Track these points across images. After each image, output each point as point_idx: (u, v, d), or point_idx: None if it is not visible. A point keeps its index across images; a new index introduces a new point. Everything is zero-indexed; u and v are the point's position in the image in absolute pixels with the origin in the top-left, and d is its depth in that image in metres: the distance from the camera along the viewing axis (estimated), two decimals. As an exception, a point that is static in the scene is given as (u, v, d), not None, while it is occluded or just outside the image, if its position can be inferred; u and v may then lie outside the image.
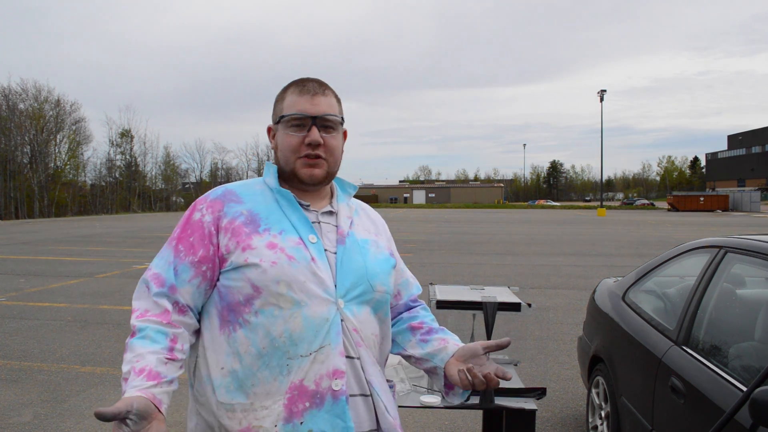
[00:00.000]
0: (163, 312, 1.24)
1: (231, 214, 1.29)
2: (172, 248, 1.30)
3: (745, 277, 2.75)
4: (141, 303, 1.27)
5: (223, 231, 1.27)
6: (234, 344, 1.23)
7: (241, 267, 1.23)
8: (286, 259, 1.23)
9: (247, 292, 1.23)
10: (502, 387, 2.29)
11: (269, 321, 1.21)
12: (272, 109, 1.41)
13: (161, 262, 1.29)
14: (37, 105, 52.37)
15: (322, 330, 1.22)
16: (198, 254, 1.26)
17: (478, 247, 16.51)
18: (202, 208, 1.32)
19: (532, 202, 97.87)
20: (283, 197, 1.33)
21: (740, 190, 64.04)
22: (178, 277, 1.26)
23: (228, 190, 1.36)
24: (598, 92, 51.85)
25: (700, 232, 23.76)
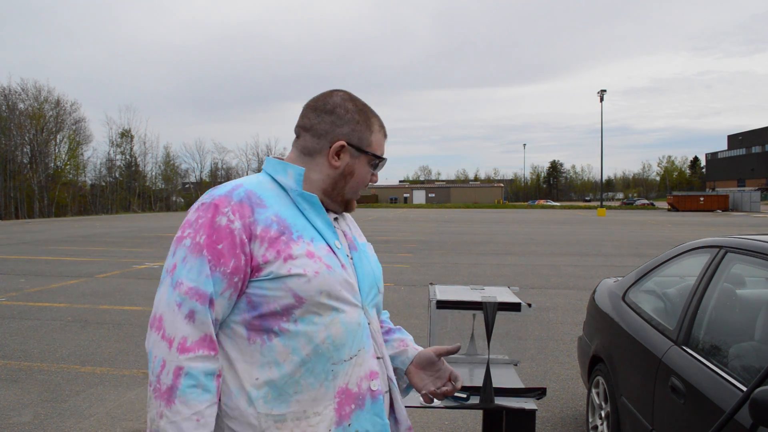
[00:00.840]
0: (206, 339, 1.15)
1: (263, 221, 1.20)
2: (202, 257, 1.16)
3: (745, 277, 2.75)
4: (175, 327, 1.14)
5: (258, 240, 1.19)
6: (269, 353, 1.19)
7: (283, 277, 1.18)
8: (326, 269, 1.22)
9: (287, 302, 1.18)
10: (502, 387, 2.30)
11: (310, 328, 1.20)
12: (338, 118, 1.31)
13: (193, 274, 1.16)
14: (37, 105, 52.39)
15: (358, 334, 1.27)
16: (230, 265, 1.16)
17: (478, 247, 16.51)
18: (227, 212, 1.19)
19: (532, 202, 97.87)
20: (307, 201, 1.29)
21: (740, 190, 64.06)
22: (216, 290, 1.16)
23: (250, 191, 1.25)
24: (598, 92, 51.86)
25: (700, 232, 23.76)
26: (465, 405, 2.24)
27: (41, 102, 52.79)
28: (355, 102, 1.35)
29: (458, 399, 2.25)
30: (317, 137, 1.31)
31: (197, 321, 1.14)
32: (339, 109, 1.32)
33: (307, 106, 1.36)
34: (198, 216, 1.21)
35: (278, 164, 1.32)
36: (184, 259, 1.17)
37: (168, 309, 1.15)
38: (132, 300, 8.13)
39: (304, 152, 1.33)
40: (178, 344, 1.13)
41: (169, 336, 1.13)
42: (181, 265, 1.17)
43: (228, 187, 1.26)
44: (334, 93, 1.35)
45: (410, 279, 10.23)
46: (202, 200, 1.25)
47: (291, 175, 1.30)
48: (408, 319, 6.98)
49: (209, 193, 1.26)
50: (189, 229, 1.20)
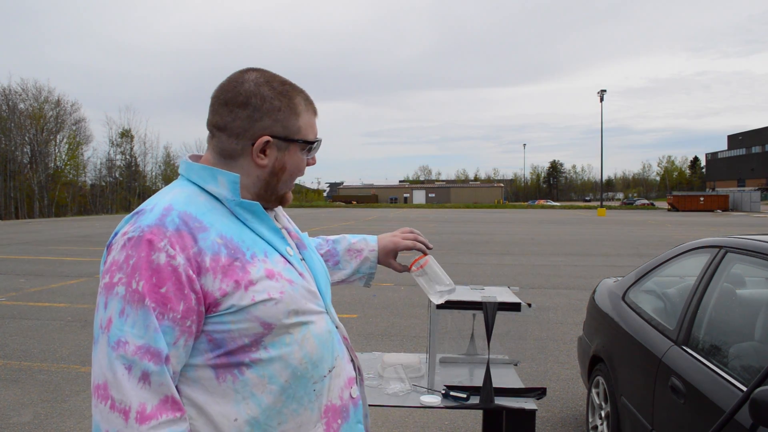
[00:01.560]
0: (167, 402, 0.99)
1: (209, 248, 1.04)
2: (145, 307, 0.98)
3: (745, 277, 2.75)
4: (132, 394, 0.96)
5: (210, 272, 1.02)
6: (244, 389, 1.06)
7: (247, 308, 1.04)
8: (289, 285, 1.10)
9: (255, 332, 1.05)
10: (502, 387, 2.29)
11: (284, 351, 1.08)
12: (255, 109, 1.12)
13: (137, 329, 0.97)
14: (37, 105, 52.42)
15: (330, 343, 1.18)
16: (179, 309, 1.00)
17: (478, 247, 16.50)
18: (165, 247, 1.00)
19: (532, 202, 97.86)
20: (248, 210, 1.13)
21: (740, 190, 64.07)
22: (168, 342, 1.00)
23: (184, 214, 1.05)
24: (598, 92, 51.85)
25: (700, 232, 23.76)
26: (465, 405, 2.24)
27: (41, 102, 52.85)
28: (271, 84, 1.14)
29: (458, 399, 2.25)
30: (235, 137, 1.13)
31: (154, 383, 0.97)
32: (254, 98, 1.12)
33: (216, 99, 1.15)
34: (127, 256, 1.00)
35: (204, 171, 1.13)
36: (121, 312, 0.98)
37: (112, 374, 0.97)
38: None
39: (223, 155, 1.14)
40: (136, 414, 0.95)
41: (121, 406, 0.96)
42: (120, 320, 0.98)
43: (156, 212, 1.05)
44: (245, 77, 1.14)
45: (410, 279, 10.18)
46: (128, 233, 1.02)
47: (223, 183, 1.12)
48: (408, 319, 6.98)
49: (134, 224, 1.04)
50: (119, 274, 1.00)
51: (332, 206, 75.91)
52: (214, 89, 1.17)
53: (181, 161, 1.19)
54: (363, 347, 5.51)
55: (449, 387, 2.31)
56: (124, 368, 0.97)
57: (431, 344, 2.42)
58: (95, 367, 1.00)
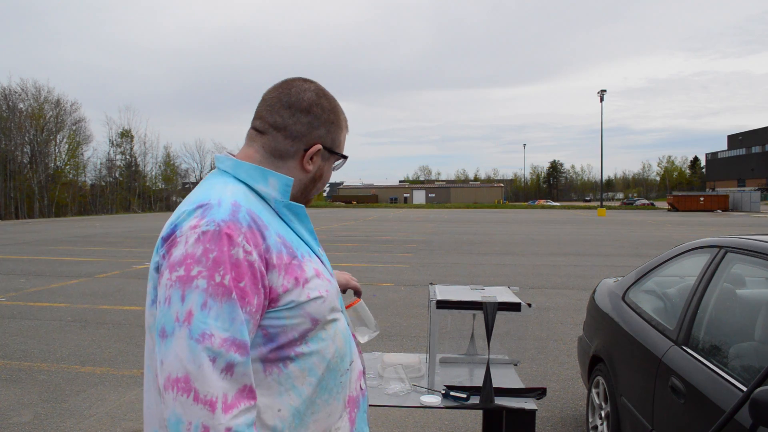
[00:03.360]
0: (245, 391, 1.02)
1: (274, 245, 1.09)
2: (231, 300, 1.01)
3: (745, 277, 2.75)
4: (214, 385, 0.98)
5: (276, 269, 1.07)
6: (287, 381, 1.12)
7: (302, 304, 1.11)
8: (329, 284, 1.19)
9: (304, 328, 1.12)
10: (502, 387, 2.30)
11: (321, 345, 1.16)
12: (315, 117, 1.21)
13: (223, 322, 1.00)
14: (37, 105, 52.38)
15: (349, 338, 1.26)
16: (254, 303, 1.04)
17: (478, 247, 16.50)
18: (242, 243, 1.03)
19: (532, 202, 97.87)
20: (293, 212, 1.19)
21: (740, 190, 64.06)
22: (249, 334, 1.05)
23: (251, 211, 1.10)
24: (598, 92, 51.86)
25: (700, 232, 23.76)
26: (465, 405, 2.24)
27: (41, 102, 52.81)
28: (328, 98, 1.24)
29: (458, 399, 2.25)
30: (292, 139, 1.19)
31: (236, 374, 1.00)
32: (315, 108, 1.20)
33: (277, 100, 1.20)
34: (205, 249, 1.01)
35: (255, 171, 1.17)
36: (203, 305, 0.99)
37: (195, 366, 0.98)
38: (132, 300, 8.12)
39: (274, 154, 1.19)
40: (221, 404, 0.98)
41: (205, 398, 0.97)
42: (202, 313, 0.99)
43: (225, 207, 1.07)
44: (306, 86, 1.22)
45: (410, 279, 10.23)
46: (200, 227, 1.04)
47: (274, 185, 1.17)
48: (408, 319, 6.98)
49: (204, 217, 1.05)
50: (198, 267, 1.00)
51: (332, 206, 75.92)
52: (271, 90, 1.23)
53: (223, 157, 1.21)
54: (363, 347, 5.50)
55: (449, 387, 2.31)
56: (209, 360, 0.98)
57: (431, 344, 2.42)
58: (171, 360, 0.99)
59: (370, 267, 11.88)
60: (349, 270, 9.59)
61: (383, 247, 16.41)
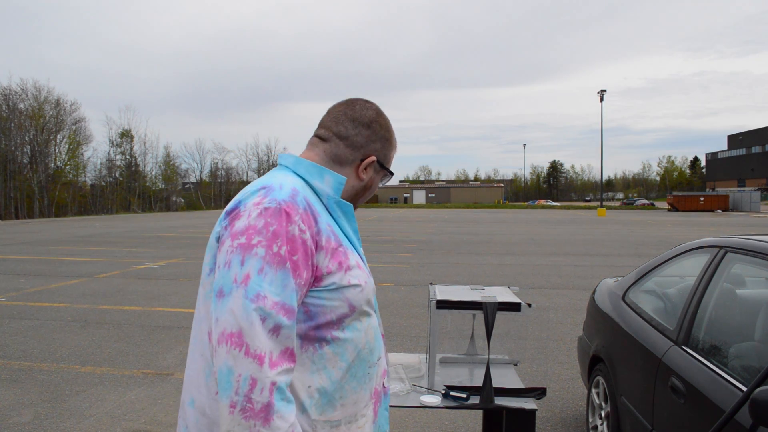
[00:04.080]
0: (287, 353, 1.12)
1: (324, 230, 1.21)
2: (285, 269, 1.12)
3: (745, 277, 2.75)
4: (262, 343, 1.09)
5: (323, 251, 1.19)
6: (320, 361, 1.21)
7: (343, 288, 1.21)
8: (367, 277, 1.29)
9: (342, 312, 1.22)
10: (502, 387, 2.30)
11: (355, 335, 1.25)
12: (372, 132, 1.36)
13: (276, 287, 1.11)
14: (37, 105, 52.39)
15: (378, 336, 1.35)
16: (304, 277, 1.15)
17: (478, 247, 16.50)
18: (298, 222, 1.16)
19: (532, 202, 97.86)
20: (342, 209, 1.32)
21: (740, 190, 64.04)
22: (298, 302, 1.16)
23: (307, 198, 1.23)
24: (598, 92, 51.84)
25: (700, 232, 23.76)
26: (465, 405, 2.24)
27: (41, 102, 52.82)
28: (384, 118, 1.40)
29: (458, 399, 2.25)
30: (352, 148, 1.34)
31: (282, 336, 1.11)
32: (375, 124, 1.36)
33: (343, 114, 1.36)
34: (266, 223, 1.14)
35: (314, 168, 1.31)
36: (260, 270, 1.10)
37: (248, 323, 1.08)
38: (132, 300, 8.13)
39: (334, 160, 1.34)
40: (268, 361, 1.08)
41: (255, 352, 1.08)
42: (258, 277, 1.10)
43: (286, 190, 1.20)
44: (368, 106, 1.39)
45: (410, 279, 10.23)
46: (263, 204, 1.16)
47: (329, 182, 1.30)
48: (408, 319, 6.98)
49: (267, 196, 1.18)
50: (258, 237, 1.12)
51: (332, 206, 75.80)
52: (336, 106, 1.39)
53: (286, 155, 1.36)
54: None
55: (449, 387, 2.31)
56: (260, 319, 1.09)
57: (431, 344, 2.42)
58: (226, 317, 1.10)
59: (370, 267, 11.84)
60: (349, 270, 9.50)
61: (383, 247, 16.41)
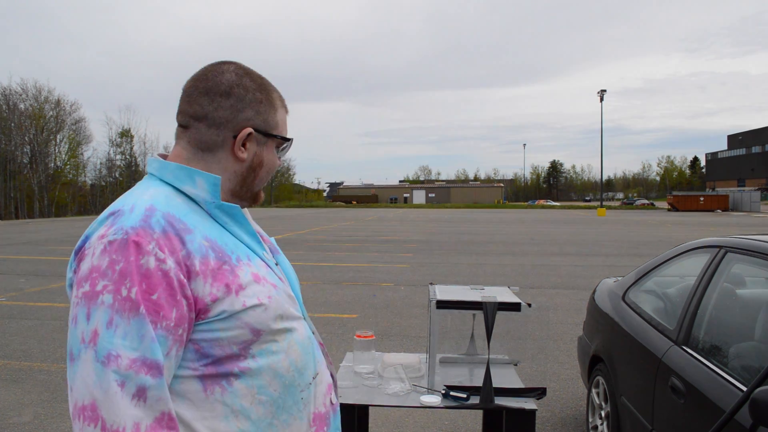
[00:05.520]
0: (164, 419, 0.92)
1: (197, 251, 0.98)
2: (139, 316, 0.91)
3: (745, 277, 2.75)
4: (125, 414, 0.88)
5: (201, 276, 0.97)
6: (234, 401, 1.01)
7: (237, 313, 0.99)
8: (274, 289, 1.07)
9: (244, 339, 1.00)
10: (502, 387, 2.29)
11: (271, 360, 1.04)
12: (239, 99, 1.09)
13: (131, 341, 0.90)
14: (37, 105, 52.44)
15: (310, 349, 1.14)
16: (172, 317, 0.93)
17: (478, 247, 16.50)
18: (153, 250, 0.93)
19: (532, 202, 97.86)
20: (227, 214, 1.08)
21: (740, 190, 64.05)
22: (163, 353, 0.93)
23: (168, 214, 0.99)
24: (597, 92, 51.86)
25: (700, 232, 23.76)
26: (465, 405, 2.24)
27: (41, 102, 52.87)
28: (252, 76, 1.12)
29: (458, 399, 2.25)
30: (216, 127, 1.08)
31: (150, 399, 0.90)
32: (237, 89, 1.08)
33: (193, 89, 1.09)
34: (111, 261, 0.92)
35: (181, 171, 1.07)
36: (109, 323, 0.90)
37: (102, 392, 0.88)
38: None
39: (201, 148, 1.09)
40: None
41: (112, 427, 0.87)
42: (108, 332, 0.89)
43: (137, 213, 0.97)
44: (224, 67, 1.11)
45: (410, 279, 10.23)
46: (107, 236, 0.94)
47: (202, 185, 1.06)
48: (408, 319, 6.98)
49: (113, 225, 0.95)
50: (103, 281, 0.91)
51: (332, 206, 75.92)
52: (188, 81, 1.12)
53: (151, 159, 1.12)
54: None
55: (449, 387, 2.31)
56: (117, 385, 0.88)
57: (431, 344, 2.42)
58: (78, 386, 0.90)
59: (370, 267, 11.88)
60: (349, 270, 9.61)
61: (383, 247, 16.41)
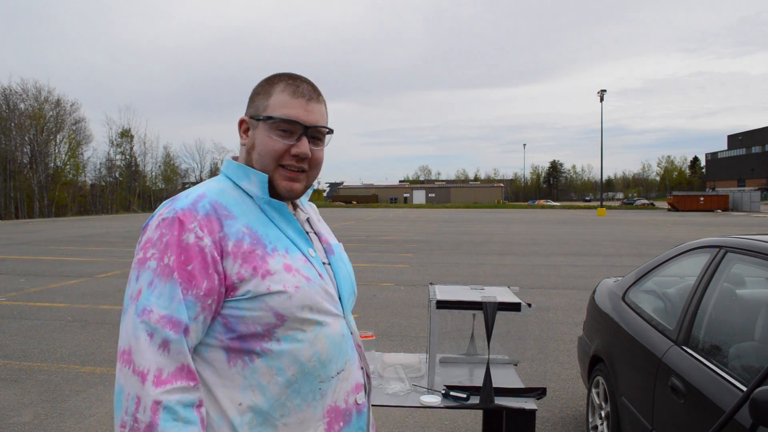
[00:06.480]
0: (183, 370, 1.06)
1: (234, 235, 1.12)
2: (173, 280, 1.07)
3: (745, 277, 2.75)
4: (147, 359, 1.04)
5: (231, 257, 1.10)
6: (252, 376, 1.11)
7: (262, 296, 1.10)
8: (305, 281, 1.16)
9: (267, 321, 1.10)
10: (502, 387, 2.30)
11: (295, 346, 1.13)
12: (250, 99, 1.25)
13: (163, 300, 1.06)
14: (37, 105, 52.36)
15: (343, 347, 1.21)
16: (203, 287, 1.08)
17: (478, 247, 16.50)
18: (194, 228, 1.09)
19: (532, 202, 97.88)
20: (275, 209, 1.21)
21: (740, 190, 64.02)
22: (189, 315, 1.07)
23: (215, 202, 1.15)
24: (597, 92, 51.85)
25: (700, 232, 23.75)
26: (465, 405, 2.24)
27: (41, 102, 52.77)
28: (267, 79, 1.26)
29: (458, 399, 2.25)
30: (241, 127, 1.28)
31: (172, 351, 1.05)
32: (252, 94, 1.26)
33: None
34: (161, 234, 1.09)
35: (239, 169, 1.22)
36: (150, 283, 1.07)
37: (135, 340, 1.05)
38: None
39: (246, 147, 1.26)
40: (153, 377, 1.03)
41: (140, 369, 1.03)
42: (148, 291, 1.07)
43: (190, 198, 1.14)
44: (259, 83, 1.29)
45: (410, 279, 10.23)
46: (162, 215, 1.12)
47: (255, 182, 1.20)
48: (408, 319, 6.98)
49: (169, 206, 1.14)
50: (152, 250, 1.09)
51: (332, 206, 75.89)
52: None
53: (226, 160, 1.29)
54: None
55: (449, 387, 2.31)
56: (147, 335, 1.05)
57: (431, 344, 2.42)
58: (122, 334, 1.08)
59: (370, 267, 11.88)
60: (349, 270, 9.52)
61: (383, 247, 16.41)
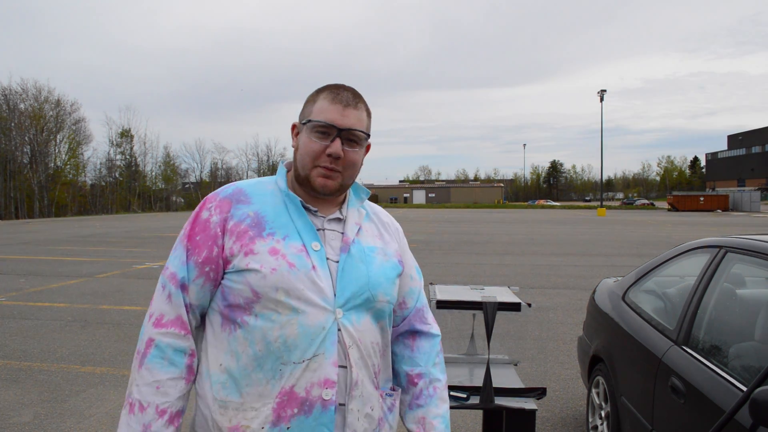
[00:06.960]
0: (179, 319, 1.27)
1: (238, 216, 1.29)
2: (183, 246, 1.30)
3: (745, 277, 2.75)
4: (157, 305, 1.29)
5: (229, 233, 1.28)
6: (233, 343, 1.25)
7: (243, 271, 1.24)
8: (287, 266, 1.24)
9: (246, 296, 1.24)
10: (502, 387, 2.30)
11: (267, 325, 1.23)
12: (302, 107, 1.38)
13: (176, 261, 1.30)
14: (37, 105, 52.37)
15: (317, 339, 1.23)
16: (202, 255, 1.28)
17: (478, 247, 16.50)
18: (210, 207, 1.32)
19: (532, 202, 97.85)
20: (291, 201, 1.33)
21: (740, 190, 64.02)
22: (188, 276, 1.28)
23: (238, 189, 1.35)
24: (598, 92, 51.83)
25: (700, 232, 23.75)
26: (465, 405, 2.24)
27: (41, 102, 52.79)
28: (318, 88, 1.38)
29: (458, 399, 2.25)
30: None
31: (173, 302, 1.27)
32: (304, 101, 1.39)
33: None
34: (194, 211, 1.36)
35: (280, 168, 1.41)
36: (174, 248, 1.33)
37: (156, 290, 1.32)
38: (132, 300, 8.13)
39: None
40: (154, 319, 1.27)
41: (150, 311, 1.29)
42: (171, 254, 1.32)
43: (230, 187, 1.37)
44: None
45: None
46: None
47: (282, 176, 1.39)
48: (408, 319, 6.97)
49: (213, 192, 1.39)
50: (186, 223, 1.34)
51: (332, 206, 75.67)
52: None
53: None
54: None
55: (449, 387, 2.31)
56: (161, 286, 1.31)
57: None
58: None
59: (370, 267, 11.86)
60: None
61: (383, 247, 16.38)
